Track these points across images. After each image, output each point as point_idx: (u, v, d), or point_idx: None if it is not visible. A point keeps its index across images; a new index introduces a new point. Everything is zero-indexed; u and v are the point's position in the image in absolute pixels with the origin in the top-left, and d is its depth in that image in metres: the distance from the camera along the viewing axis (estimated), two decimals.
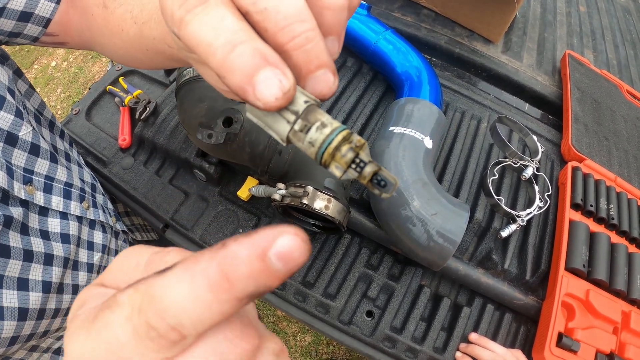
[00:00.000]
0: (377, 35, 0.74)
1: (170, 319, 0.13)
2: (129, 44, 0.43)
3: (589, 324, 0.63)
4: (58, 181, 0.53)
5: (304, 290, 0.61)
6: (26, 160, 0.48)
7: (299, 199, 0.53)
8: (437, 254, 0.55)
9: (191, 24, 0.18)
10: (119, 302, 0.14)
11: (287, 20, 0.17)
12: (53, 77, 2.36)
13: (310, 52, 0.18)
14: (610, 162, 0.78)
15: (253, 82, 0.17)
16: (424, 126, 0.63)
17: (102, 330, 0.14)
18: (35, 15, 0.46)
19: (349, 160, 0.18)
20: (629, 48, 1.03)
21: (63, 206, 0.52)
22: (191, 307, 0.13)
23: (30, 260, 0.45)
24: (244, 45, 0.17)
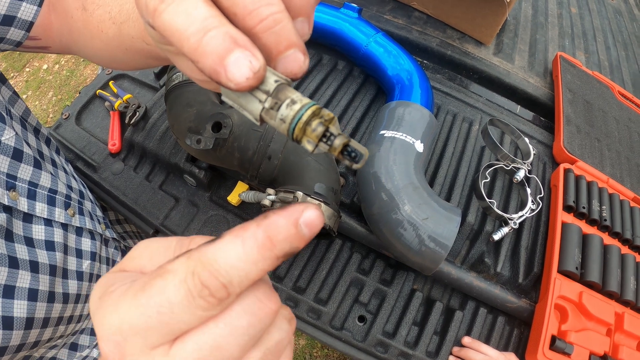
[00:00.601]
0: (367, 38, 0.74)
1: (223, 277, 0.16)
2: (109, 44, 0.44)
3: (582, 326, 0.63)
4: (42, 187, 0.52)
5: (295, 295, 0.61)
6: (9, 166, 0.47)
7: (288, 204, 0.52)
8: (429, 259, 0.55)
9: (165, 13, 0.18)
10: (172, 270, 0.17)
11: (254, 4, 0.18)
12: (45, 80, 2.35)
13: (279, 33, 0.19)
14: (602, 164, 0.78)
15: (224, 64, 0.17)
16: (415, 130, 0.63)
17: (154, 295, 0.17)
18: (18, 19, 0.46)
19: (320, 134, 0.19)
20: (621, 49, 1.04)
21: (47, 213, 0.52)
22: (242, 264, 0.16)
23: (16, 268, 0.44)
24: (215, 30, 0.18)
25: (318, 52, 0.83)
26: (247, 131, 0.57)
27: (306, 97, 0.18)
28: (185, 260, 0.17)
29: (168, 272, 0.17)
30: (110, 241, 0.66)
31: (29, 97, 2.27)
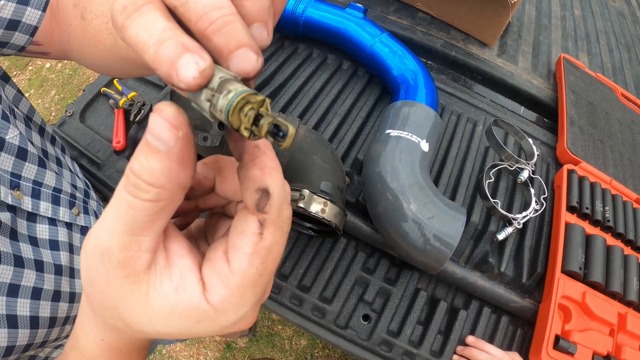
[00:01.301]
0: (373, 38, 0.74)
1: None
2: (105, 53, 0.45)
3: (585, 326, 0.63)
4: (46, 186, 0.52)
5: (300, 294, 0.61)
6: (13, 165, 0.47)
7: (295, 202, 0.52)
8: (434, 258, 0.55)
9: (130, 28, 0.20)
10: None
11: (205, 8, 0.20)
12: (47, 78, 2.35)
13: (228, 34, 0.20)
14: (605, 165, 0.78)
15: (175, 67, 0.19)
16: (421, 129, 0.63)
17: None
18: (23, 23, 0.46)
19: (251, 118, 0.19)
20: (624, 51, 1.04)
21: (52, 212, 0.51)
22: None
23: (21, 267, 0.44)
24: (169, 40, 0.19)
25: (323, 52, 0.83)
26: None
27: (246, 87, 0.19)
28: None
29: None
30: None
31: (31, 95, 2.27)
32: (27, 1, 0.46)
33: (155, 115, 0.19)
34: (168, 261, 0.22)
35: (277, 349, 1.54)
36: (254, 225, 0.21)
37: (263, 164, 0.21)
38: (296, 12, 0.78)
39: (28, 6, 0.46)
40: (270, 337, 1.56)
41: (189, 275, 0.21)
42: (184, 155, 0.20)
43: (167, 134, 0.19)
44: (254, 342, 1.57)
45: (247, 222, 0.21)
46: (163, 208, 0.20)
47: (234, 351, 1.57)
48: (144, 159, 0.19)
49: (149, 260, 0.21)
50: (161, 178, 0.19)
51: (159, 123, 0.19)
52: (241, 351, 1.57)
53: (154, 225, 0.20)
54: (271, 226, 0.21)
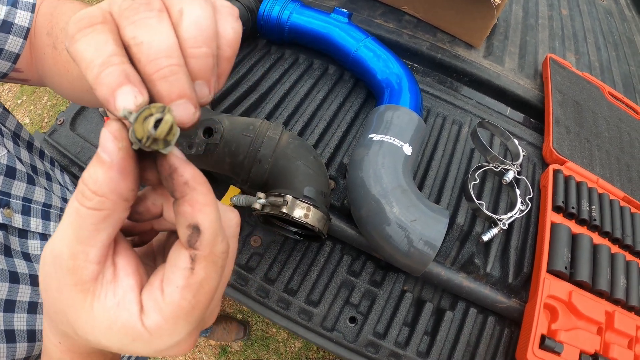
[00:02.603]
0: (357, 42, 0.75)
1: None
2: (74, 83, 0.48)
3: (572, 325, 0.63)
4: (36, 202, 0.53)
5: (286, 297, 0.62)
6: (2, 183, 0.48)
7: (278, 207, 0.53)
8: (418, 260, 0.56)
9: (79, 42, 0.21)
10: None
11: (156, 54, 0.21)
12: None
13: (173, 83, 0.21)
14: (592, 164, 0.79)
15: (115, 95, 0.20)
16: (404, 133, 0.63)
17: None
18: (6, 51, 0.47)
19: (152, 123, 0.20)
20: (611, 50, 1.05)
21: (42, 227, 0.52)
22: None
23: (17, 282, 0.45)
24: (115, 66, 0.20)
25: (309, 57, 0.84)
26: (238, 136, 0.58)
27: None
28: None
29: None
30: None
31: (23, 102, 2.29)
32: (9, 29, 0.47)
33: (104, 129, 0.21)
34: (114, 277, 0.23)
35: (271, 351, 1.55)
36: (185, 260, 0.22)
37: (193, 200, 0.22)
38: (282, 18, 0.78)
39: (10, 34, 0.47)
40: (265, 340, 1.57)
41: (129, 295, 0.22)
42: (125, 167, 0.21)
43: (110, 145, 0.20)
44: (249, 346, 1.58)
45: (179, 257, 0.22)
46: (106, 218, 0.21)
47: (229, 355, 1.58)
48: (92, 169, 0.21)
49: (96, 272, 0.22)
50: (103, 187, 0.20)
51: (105, 136, 0.21)
52: (236, 354, 1.58)
53: (99, 234, 0.21)
54: (203, 261, 0.22)
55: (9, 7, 0.46)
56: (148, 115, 0.20)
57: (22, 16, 0.48)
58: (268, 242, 0.65)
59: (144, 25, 0.21)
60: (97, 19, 0.22)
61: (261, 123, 0.59)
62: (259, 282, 0.62)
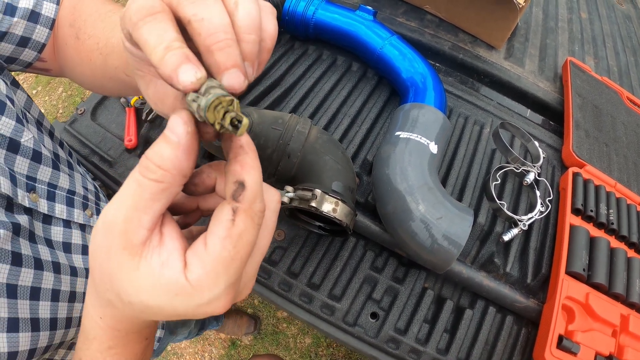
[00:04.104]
0: (382, 40, 0.75)
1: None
2: (95, 72, 0.50)
3: (588, 326, 0.64)
4: (61, 189, 0.53)
5: (309, 291, 0.62)
6: (29, 168, 0.48)
7: (307, 202, 0.53)
8: (442, 257, 0.56)
9: (142, 29, 0.24)
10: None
11: (216, 29, 0.24)
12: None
13: (229, 54, 0.25)
14: (610, 168, 0.79)
15: (177, 72, 0.23)
16: (429, 131, 0.64)
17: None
18: (33, 40, 0.50)
19: (221, 114, 0.23)
20: (630, 55, 1.05)
21: (66, 214, 0.52)
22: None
23: (41, 269, 0.45)
24: (176, 49, 0.24)
25: (333, 54, 0.84)
26: (267, 129, 0.58)
27: (223, 91, 0.24)
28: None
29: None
30: None
31: (38, 92, 2.29)
32: (37, 19, 0.49)
33: (174, 115, 0.25)
34: (160, 242, 0.25)
35: (281, 347, 1.56)
36: (228, 213, 0.25)
37: (244, 161, 0.26)
38: (307, 14, 0.79)
39: (37, 24, 0.49)
40: (275, 335, 1.58)
41: (174, 254, 0.25)
42: (189, 148, 0.24)
43: (180, 129, 0.24)
44: (259, 340, 1.59)
45: (222, 210, 0.25)
46: (164, 190, 0.24)
47: (239, 348, 1.59)
48: (158, 147, 0.24)
49: (145, 237, 0.25)
50: (167, 163, 0.24)
51: (175, 120, 0.24)
52: (246, 349, 1.58)
53: (154, 204, 0.24)
54: (242, 214, 0.25)
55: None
56: (217, 104, 0.23)
57: (48, 7, 0.50)
58: (292, 236, 0.66)
59: (204, 5, 0.25)
60: (156, 8, 0.25)
61: (290, 117, 0.60)
62: (282, 276, 0.63)
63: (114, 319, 0.29)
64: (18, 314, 0.41)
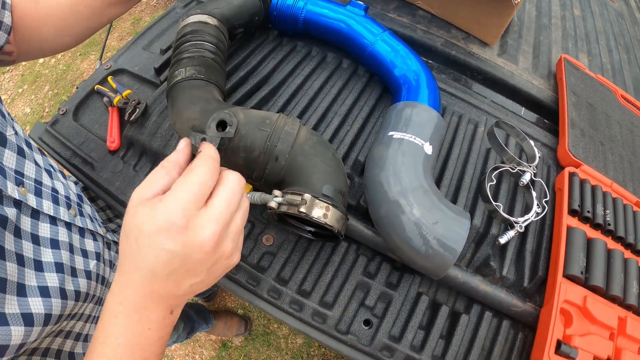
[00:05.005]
0: (374, 36, 0.73)
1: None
2: (60, 15, 0.59)
3: (586, 330, 0.63)
4: (46, 186, 0.52)
5: (300, 299, 0.60)
6: (16, 162, 0.47)
7: (296, 207, 0.51)
8: (438, 264, 0.54)
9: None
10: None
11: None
12: (41, 74, 2.31)
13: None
14: (606, 168, 0.78)
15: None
16: (424, 131, 0.62)
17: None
18: (3, 24, 0.53)
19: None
20: (622, 52, 1.04)
21: (53, 211, 0.51)
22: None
23: (22, 265, 0.44)
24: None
25: (322, 50, 0.81)
26: (254, 130, 0.55)
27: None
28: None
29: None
30: (112, 244, 0.65)
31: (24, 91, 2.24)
32: (4, 6, 0.53)
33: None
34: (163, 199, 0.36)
35: (272, 347, 1.54)
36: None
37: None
38: (296, 8, 0.76)
39: (5, 10, 0.53)
40: (266, 336, 1.55)
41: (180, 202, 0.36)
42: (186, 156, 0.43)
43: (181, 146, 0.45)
44: (250, 341, 1.56)
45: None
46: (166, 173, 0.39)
47: (230, 350, 1.56)
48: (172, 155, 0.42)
49: (164, 190, 0.37)
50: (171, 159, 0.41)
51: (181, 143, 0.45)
52: (237, 350, 1.56)
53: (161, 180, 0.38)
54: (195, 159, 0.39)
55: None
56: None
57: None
58: (281, 241, 0.63)
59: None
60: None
61: (278, 117, 0.57)
62: (271, 283, 0.60)
63: (131, 283, 0.37)
64: (5, 309, 0.41)
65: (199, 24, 0.68)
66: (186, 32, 0.67)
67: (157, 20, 0.88)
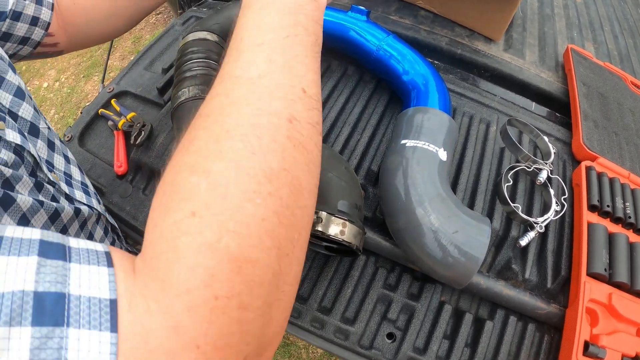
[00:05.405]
0: (378, 41, 0.72)
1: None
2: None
3: (613, 328, 0.61)
4: (75, 180, 0.53)
5: (321, 317, 0.59)
6: (47, 153, 0.48)
7: (312, 226, 0.50)
8: (460, 273, 0.53)
9: None
10: None
11: None
12: (46, 98, 2.32)
13: None
14: (622, 158, 0.76)
15: None
16: (437, 137, 0.60)
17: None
18: (41, 20, 0.56)
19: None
20: (628, 37, 1.02)
21: (86, 200, 0.51)
22: None
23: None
24: None
25: (327, 58, 0.80)
26: None
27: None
28: None
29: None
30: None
31: None
32: (41, 2, 0.56)
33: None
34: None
35: (294, 357, 1.53)
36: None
37: None
38: None
39: (42, 6, 0.56)
40: (287, 347, 1.55)
41: None
42: None
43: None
44: None
45: None
46: None
47: None
48: None
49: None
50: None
51: None
52: None
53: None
54: None
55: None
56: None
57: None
58: None
59: None
60: None
61: None
62: None
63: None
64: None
65: (199, 41, 0.67)
66: (186, 50, 0.66)
67: (157, 39, 0.87)
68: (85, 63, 2.43)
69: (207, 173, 0.26)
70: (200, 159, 0.27)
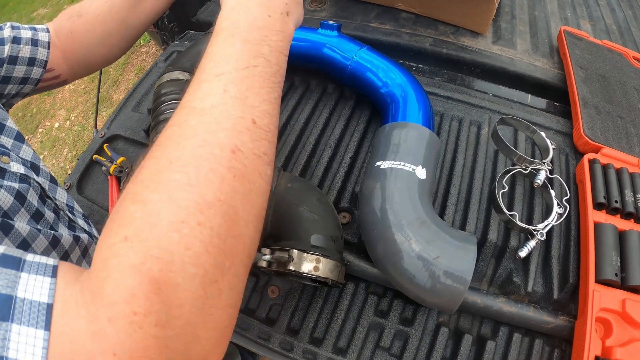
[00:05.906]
0: (351, 55, 0.69)
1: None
2: (105, 17, 0.65)
3: (628, 337, 0.56)
4: (77, 211, 0.59)
5: (312, 349, 0.58)
6: (49, 187, 0.53)
7: (284, 265, 0.49)
8: (447, 297, 0.50)
9: None
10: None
11: None
12: (58, 138, 2.41)
13: None
14: (629, 144, 0.70)
15: None
16: (415, 155, 0.58)
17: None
18: (37, 59, 0.60)
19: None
20: (626, 8, 0.94)
21: (87, 228, 0.57)
22: None
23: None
24: None
25: (305, 79, 0.79)
26: None
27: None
28: None
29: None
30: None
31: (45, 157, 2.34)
32: (37, 44, 0.60)
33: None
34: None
35: None
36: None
37: None
38: None
39: (38, 47, 0.60)
40: None
41: None
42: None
43: None
44: None
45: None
46: None
47: None
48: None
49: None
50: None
51: None
52: None
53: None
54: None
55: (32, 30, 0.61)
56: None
57: (43, 35, 0.62)
58: (286, 291, 0.62)
59: None
60: None
61: None
62: (282, 336, 0.59)
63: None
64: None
65: (172, 82, 0.67)
66: (160, 92, 0.66)
67: (142, 79, 0.88)
68: (92, 100, 2.52)
69: (145, 203, 0.28)
70: (142, 189, 0.29)
